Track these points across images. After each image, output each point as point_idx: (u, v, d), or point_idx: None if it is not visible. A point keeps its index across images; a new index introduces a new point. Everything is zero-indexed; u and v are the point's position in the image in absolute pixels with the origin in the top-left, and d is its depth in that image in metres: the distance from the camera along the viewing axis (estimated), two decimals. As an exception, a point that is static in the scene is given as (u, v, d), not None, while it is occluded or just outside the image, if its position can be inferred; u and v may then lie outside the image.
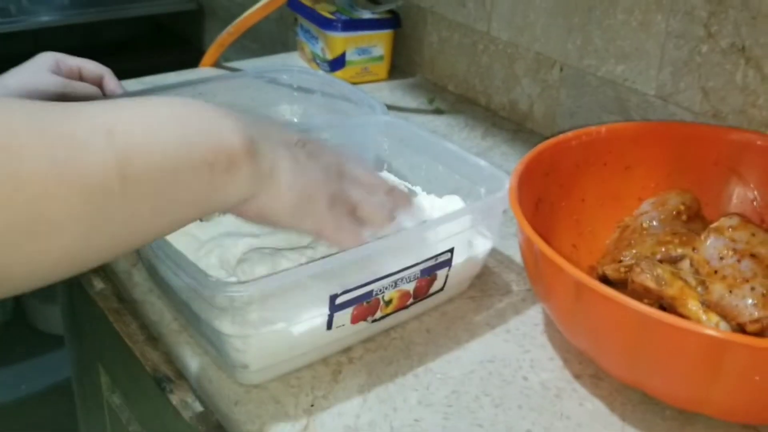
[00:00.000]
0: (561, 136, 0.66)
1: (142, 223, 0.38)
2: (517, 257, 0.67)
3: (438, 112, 0.99)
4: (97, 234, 0.36)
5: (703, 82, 0.75)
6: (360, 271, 0.52)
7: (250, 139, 0.42)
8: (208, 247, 0.57)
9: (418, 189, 0.70)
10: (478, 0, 0.98)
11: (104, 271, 0.66)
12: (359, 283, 0.52)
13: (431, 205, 0.66)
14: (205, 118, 0.41)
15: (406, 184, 0.70)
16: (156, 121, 0.38)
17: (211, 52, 1.04)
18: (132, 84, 0.98)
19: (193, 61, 1.07)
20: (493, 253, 0.67)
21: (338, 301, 0.51)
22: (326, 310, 0.51)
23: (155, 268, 0.57)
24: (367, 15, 1.05)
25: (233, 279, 0.53)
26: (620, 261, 0.62)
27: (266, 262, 0.53)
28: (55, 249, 0.34)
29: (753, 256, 0.56)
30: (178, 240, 0.54)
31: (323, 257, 0.52)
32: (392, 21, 1.06)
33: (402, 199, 0.56)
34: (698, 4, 0.74)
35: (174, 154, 0.38)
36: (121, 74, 1.00)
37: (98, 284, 0.64)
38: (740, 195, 0.68)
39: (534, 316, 0.62)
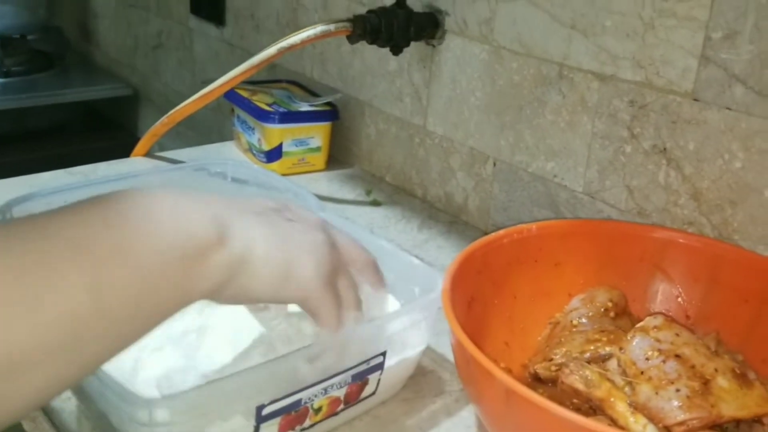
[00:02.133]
0: (493, 235, 0.67)
1: (118, 338, 0.37)
2: (451, 355, 0.67)
3: (375, 203, 1.00)
4: (72, 364, 0.35)
5: (628, 181, 0.78)
6: (287, 379, 0.51)
7: (218, 225, 0.42)
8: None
9: (352, 287, 0.69)
10: (414, 95, 1.01)
11: (23, 376, 0.63)
12: (287, 392, 0.51)
13: (365, 303, 0.66)
14: (173, 213, 0.40)
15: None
16: (124, 233, 0.38)
17: (144, 142, 1.03)
18: (61, 175, 0.96)
19: (126, 147, 1.07)
20: (428, 351, 0.67)
21: (265, 411, 0.49)
22: (252, 422, 0.49)
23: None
24: (305, 107, 1.06)
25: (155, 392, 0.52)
26: (551, 359, 0.63)
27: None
28: (28, 386, 0.33)
29: (677, 356, 0.57)
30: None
31: (248, 368, 0.51)
32: (330, 113, 1.08)
33: (378, 282, 0.56)
34: (621, 107, 0.77)
35: (145, 263, 0.38)
36: (52, 161, 0.99)
37: (16, 390, 0.62)
38: (665, 291, 0.70)
39: (467, 417, 0.61)
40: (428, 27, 0.94)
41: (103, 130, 1.72)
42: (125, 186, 0.80)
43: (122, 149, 1.06)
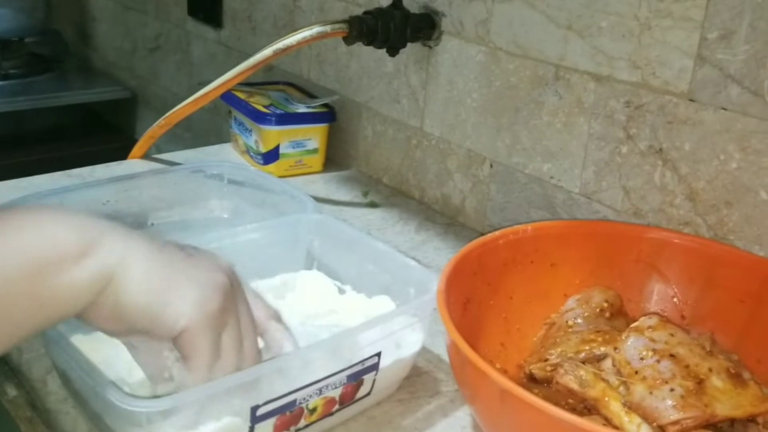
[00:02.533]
0: (488, 236, 0.67)
1: None
2: (447, 356, 0.67)
3: (372, 205, 1.00)
4: None
5: (624, 182, 0.78)
6: (282, 379, 0.51)
7: (85, 236, 0.40)
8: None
9: (348, 288, 0.70)
10: (411, 97, 1.01)
11: (17, 378, 0.63)
12: (282, 393, 0.51)
13: (362, 305, 0.67)
14: (36, 224, 0.39)
15: (337, 282, 0.70)
16: None
17: (141, 144, 1.03)
18: (59, 177, 0.96)
19: (124, 149, 1.07)
20: (423, 351, 0.67)
21: (259, 412, 0.49)
22: (247, 422, 0.49)
23: (69, 377, 0.55)
24: (302, 109, 1.07)
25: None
26: (546, 360, 0.63)
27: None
28: None
29: (672, 356, 0.57)
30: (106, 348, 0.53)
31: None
32: (327, 115, 1.08)
33: (282, 339, 0.51)
34: (618, 108, 0.77)
35: None
36: (50, 163, 0.99)
37: (11, 391, 0.62)
38: (661, 291, 0.70)
39: (462, 418, 0.61)
40: (425, 28, 0.94)
41: (101, 133, 1.72)
42: (121, 189, 0.80)
43: (120, 152, 1.07)
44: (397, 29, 0.92)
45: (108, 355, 0.54)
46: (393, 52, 0.94)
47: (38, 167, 0.97)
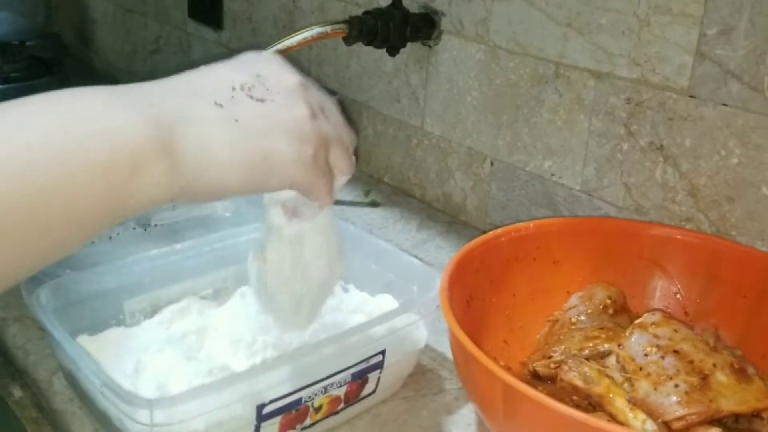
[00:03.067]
0: (491, 233, 0.68)
1: (19, 245, 0.33)
2: (450, 353, 0.68)
3: (373, 204, 1.00)
4: None
5: (625, 178, 0.78)
6: (288, 377, 0.51)
7: (156, 127, 0.36)
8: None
9: (351, 287, 0.70)
10: (411, 96, 1.01)
11: (23, 379, 0.63)
12: (287, 391, 0.51)
13: (365, 303, 0.67)
14: (88, 114, 0.35)
15: (339, 281, 0.70)
16: (20, 136, 0.33)
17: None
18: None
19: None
20: (427, 349, 0.67)
21: (265, 410, 0.50)
22: (253, 421, 0.50)
23: (75, 377, 0.55)
24: (303, 109, 1.07)
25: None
26: (550, 357, 0.63)
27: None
28: None
29: (676, 352, 0.58)
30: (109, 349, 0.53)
31: (248, 368, 0.52)
32: (328, 115, 1.08)
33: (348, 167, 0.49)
34: (618, 104, 0.77)
35: (50, 174, 0.33)
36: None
37: (17, 392, 0.62)
38: (664, 288, 0.70)
39: (467, 416, 0.61)
40: (424, 28, 0.94)
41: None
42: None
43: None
44: (397, 29, 0.92)
45: (114, 356, 0.54)
46: (393, 51, 0.95)
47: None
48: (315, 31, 0.87)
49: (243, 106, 0.40)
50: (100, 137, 0.35)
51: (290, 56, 1.06)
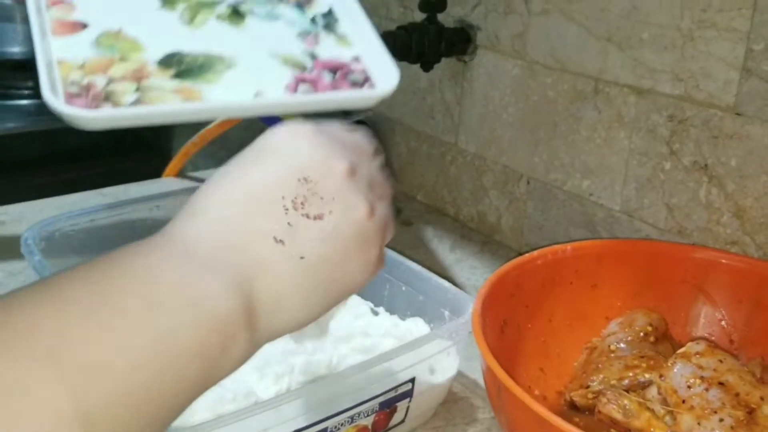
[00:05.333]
0: (526, 256, 0.65)
1: None
2: (483, 380, 0.65)
3: (406, 223, 0.98)
4: None
5: (667, 199, 0.75)
6: (314, 406, 0.49)
7: (239, 294, 0.32)
8: None
9: (381, 310, 0.68)
10: (445, 112, 0.99)
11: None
12: (312, 421, 0.49)
13: (395, 327, 0.65)
14: (189, 301, 0.31)
15: (369, 304, 0.69)
16: (117, 328, 0.29)
17: (175, 162, 1.04)
18: (93, 196, 0.97)
19: (158, 167, 1.07)
20: (459, 376, 0.65)
21: (289, 441, 0.48)
22: (276, 452, 0.48)
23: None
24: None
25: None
26: (588, 386, 0.60)
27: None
28: None
29: (721, 384, 0.55)
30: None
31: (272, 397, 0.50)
32: (362, 131, 1.07)
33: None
34: (660, 122, 0.75)
35: (153, 367, 0.29)
36: (83, 182, 0.99)
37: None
38: (708, 314, 0.67)
39: (500, 447, 0.59)
40: (459, 42, 0.92)
41: (135, 151, 1.73)
42: (154, 207, 0.80)
43: (154, 169, 1.07)
44: (431, 44, 0.90)
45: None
46: (427, 67, 0.93)
47: (72, 186, 0.97)
48: (348, 47, 0.86)
49: (303, 234, 0.35)
50: (200, 325, 0.31)
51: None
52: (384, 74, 0.51)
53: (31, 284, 0.30)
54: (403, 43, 0.89)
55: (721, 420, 0.52)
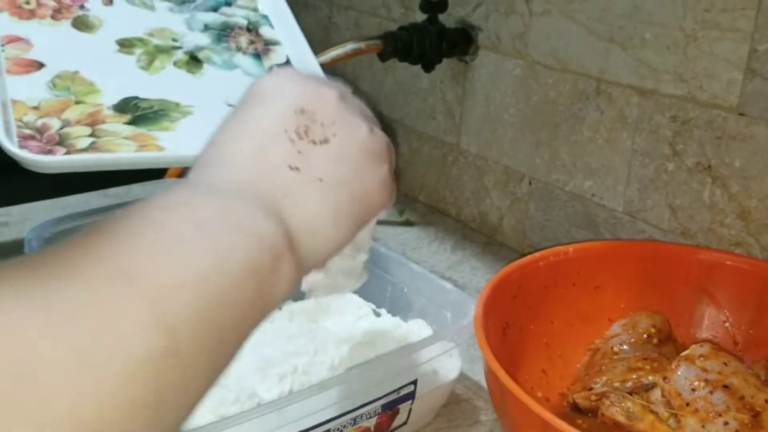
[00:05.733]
0: (528, 258, 0.65)
1: (196, 383, 0.30)
2: (485, 382, 0.65)
3: (408, 224, 0.98)
4: (162, 412, 0.28)
5: (671, 200, 0.75)
6: (316, 409, 0.49)
7: (278, 222, 0.34)
8: None
9: (383, 311, 0.68)
10: (447, 113, 0.99)
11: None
12: (315, 423, 0.49)
13: (397, 328, 0.65)
14: (234, 223, 0.33)
15: (371, 305, 0.68)
16: (181, 251, 0.31)
17: (179, 163, 1.03)
18: (96, 197, 0.96)
19: (161, 169, 1.06)
20: (461, 378, 0.64)
21: (291, 444, 0.48)
22: (278, 455, 0.48)
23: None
24: (337, 126, 1.05)
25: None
26: (591, 388, 0.60)
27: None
28: None
29: (726, 387, 0.54)
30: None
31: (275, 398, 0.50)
32: (363, 132, 1.07)
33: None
34: (663, 123, 0.74)
35: (217, 283, 0.31)
36: (85, 184, 0.99)
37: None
38: (712, 316, 0.67)
39: (502, 449, 0.59)
40: (461, 43, 0.92)
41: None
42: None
43: (157, 171, 1.06)
44: (433, 45, 0.90)
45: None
46: (428, 67, 0.93)
47: (75, 187, 0.97)
48: (350, 47, 0.86)
49: (315, 158, 0.37)
50: (249, 243, 0.33)
51: (325, 73, 1.05)
52: None
53: (78, 234, 0.31)
54: (404, 44, 0.89)
55: (726, 423, 0.52)
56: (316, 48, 1.22)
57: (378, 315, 0.68)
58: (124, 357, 0.26)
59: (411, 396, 0.55)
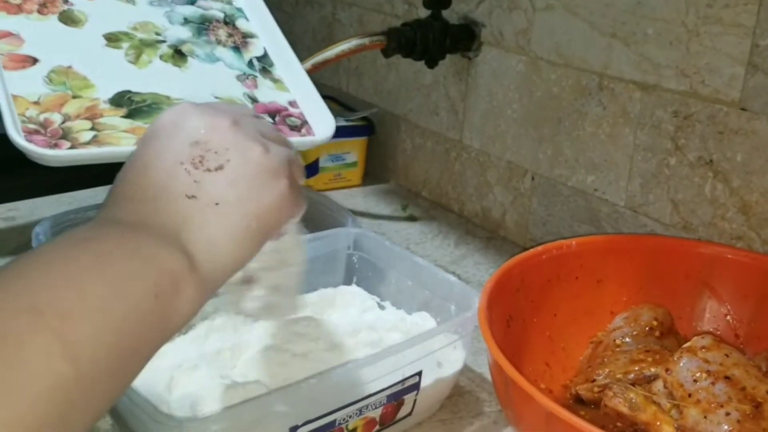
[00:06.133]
0: (531, 251, 0.66)
1: (102, 401, 0.33)
2: (490, 374, 0.66)
3: (411, 219, 0.99)
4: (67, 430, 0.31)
5: (673, 194, 0.76)
6: (322, 399, 0.50)
7: (177, 245, 0.37)
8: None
9: (387, 304, 0.68)
10: (450, 109, 0.99)
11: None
12: (321, 413, 0.49)
13: (401, 321, 0.65)
14: (132, 251, 0.36)
15: (376, 298, 0.69)
16: (83, 281, 0.33)
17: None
18: (103, 191, 0.96)
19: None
20: (465, 370, 0.65)
21: (298, 433, 0.48)
22: (285, 444, 0.48)
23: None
24: (341, 122, 1.06)
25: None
26: (593, 380, 0.61)
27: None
28: None
29: (727, 378, 0.55)
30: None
31: (281, 387, 0.50)
32: (366, 128, 1.07)
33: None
34: (665, 117, 0.75)
35: (117, 309, 0.33)
36: (93, 178, 0.99)
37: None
38: (713, 309, 0.67)
39: (506, 440, 0.59)
40: (464, 39, 0.92)
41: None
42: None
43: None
44: (436, 41, 0.91)
45: (147, 374, 0.53)
46: (432, 63, 0.93)
47: (82, 182, 0.97)
48: (353, 43, 0.87)
49: (211, 185, 0.39)
50: (147, 269, 0.36)
51: (329, 69, 1.05)
52: (320, 120, 0.53)
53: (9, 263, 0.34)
54: (407, 40, 0.89)
55: (728, 414, 0.52)
56: (320, 44, 1.23)
57: (382, 308, 0.68)
58: (32, 386, 0.29)
59: (416, 387, 0.56)
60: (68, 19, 0.53)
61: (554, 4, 0.83)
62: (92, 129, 0.47)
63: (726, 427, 0.51)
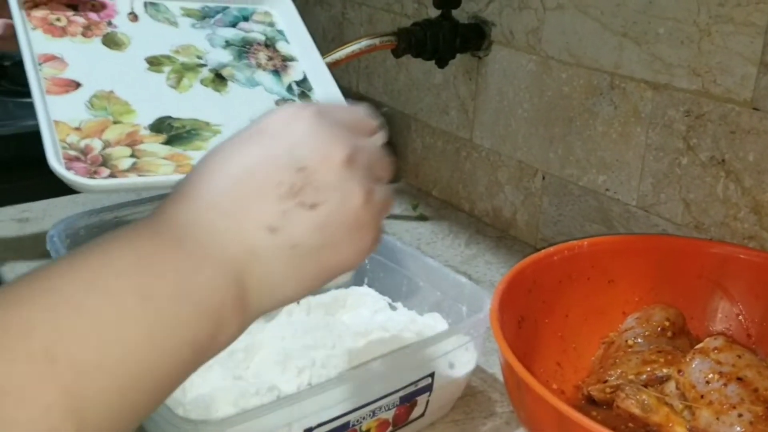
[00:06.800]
0: (543, 252, 0.66)
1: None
2: (501, 375, 0.66)
3: (422, 218, 0.99)
4: None
5: (684, 194, 0.76)
6: (336, 401, 0.50)
7: (233, 283, 0.33)
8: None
9: (399, 305, 0.69)
10: (460, 108, 0.99)
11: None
12: (335, 415, 0.50)
13: (413, 322, 0.65)
14: (182, 291, 0.31)
15: (387, 299, 0.69)
16: (117, 328, 0.29)
17: (196, 160, 1.04)
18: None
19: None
20: (477, 370, 0.65)
21: (312, 435, 0.49)
22: (299, 446, 0.49)
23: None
24: (351, 122, 1.06)
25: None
26: (605, 381, 0.61)
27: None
28: None
29: (740, 379, 0.55)
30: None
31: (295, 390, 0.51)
32: (377, 127, 1.07)
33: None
34: (677, 117, 0.75)
35: (143, 362, 0.29)
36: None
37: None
38: (725, 309, 0.67)
39: (518, 441, 0.60)
40: (474, 38, 0.92)
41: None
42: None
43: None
44: (446, 40, 0.91)
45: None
46: (442, 63, 0.93)
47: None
48: (364, 43, 0.87)
49: (297, 222, 0.34)
50: (192, 315, 0.32)
51: (339, 69, 1.05)
52: None
53: (21, 278, 0.30)
54: (417, 40, 0.89)
55: (740, 415, 0.52)
56: (330, 44, 1.23)
57: (394, 309, 0.68)
58: None
59: (428, 388, 0.56)
60: (112, 42, 0.53)
61: (565, 4, 0.83)
62: (132, 156, 0.47)
63: (738, 428, 0.51)
